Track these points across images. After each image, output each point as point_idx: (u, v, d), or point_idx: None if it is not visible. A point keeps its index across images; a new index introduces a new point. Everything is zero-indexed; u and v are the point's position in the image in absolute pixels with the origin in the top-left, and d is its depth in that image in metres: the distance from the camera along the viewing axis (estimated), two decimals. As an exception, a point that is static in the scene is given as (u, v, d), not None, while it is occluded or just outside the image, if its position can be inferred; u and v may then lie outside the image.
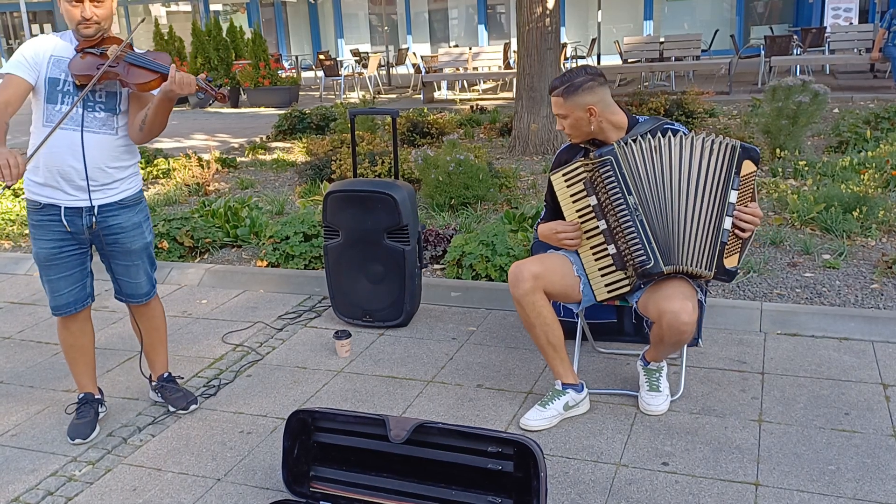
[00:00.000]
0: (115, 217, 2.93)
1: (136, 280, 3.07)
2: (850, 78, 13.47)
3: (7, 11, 26.45)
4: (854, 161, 6.15)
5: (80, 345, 3.12)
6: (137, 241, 3.00)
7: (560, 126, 2.95)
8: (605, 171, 2.79)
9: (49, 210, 2.87)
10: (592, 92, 2.83)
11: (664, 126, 2.88)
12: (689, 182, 2.78)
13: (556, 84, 2.89)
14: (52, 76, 2.79)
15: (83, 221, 2.89)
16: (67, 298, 2.99)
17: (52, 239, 2.90)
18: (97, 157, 2.83)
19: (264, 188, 7.27)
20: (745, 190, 2.81)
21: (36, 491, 2.74)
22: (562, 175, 2.92)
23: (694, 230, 2.76)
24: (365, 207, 3.88)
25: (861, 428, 2.83)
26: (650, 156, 2.79)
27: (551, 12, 7.78)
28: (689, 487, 2.55)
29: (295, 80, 15.59)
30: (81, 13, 2.73)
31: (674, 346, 2.89)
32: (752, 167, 2.82)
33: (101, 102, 2.83)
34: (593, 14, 18.66)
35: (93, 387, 3.19)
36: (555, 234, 2.95)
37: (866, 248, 4.58)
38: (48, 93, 2.79)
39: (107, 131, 2.85)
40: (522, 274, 2.86)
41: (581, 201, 2.89)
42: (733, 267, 2.81)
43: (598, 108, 2.84)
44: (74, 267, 2.97)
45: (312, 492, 2.57)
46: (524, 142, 8.09)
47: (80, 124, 2.79)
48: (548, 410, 2.96)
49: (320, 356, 3.72)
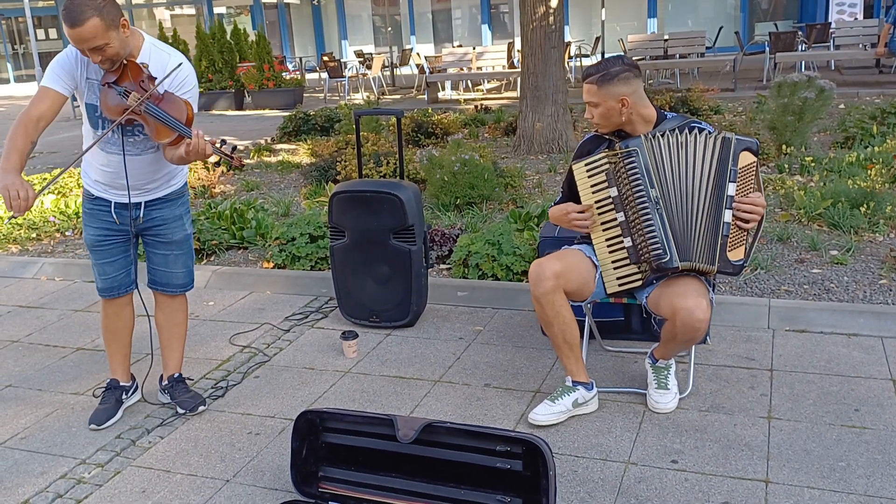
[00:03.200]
0: (158, 210, 3.07)
1: (173, 270, 3.17)
2: (856, 73, 13.42)
3: (13, 17, 26.55)
4: (861, 156, 6.13)
5: (116, 328, 3.25)
6: (178, 233, 3.13)
7: (589, 115, 2.91)
8: (631, 163, 2.79)
9: (100, 202, 3.02)
10: (628, 83, 2.82)
11: (691, 124, 2.87)
12: (691, 178, 2.78)
13: (592, 71, 2.85)
14: (89, 102, 2.88)
15: (130, 215, 3.02)
16: (113, 283, 3.14)
17: (99, 227, 3.05)
18: (140, 174, 2.97)
19: (270, 190, 7.27)
20: (746, 181, 2.80)
21: (45, 494, 2.75)
22: (584, 165, 2.92)
23: (697, 225, 2.76)
24: (370, 208, 3.88)
25: (871, 424, 2.81)
26: (676, 152, 2.79)
27: (555, 11, 7.77)
28: (698, 485, 2.54)
29: (299, 81, 15.61)
30: (92, 59, 2.73)
31: (686, 344, 2.88)
32: (751, 158, 2.81)
33: (139, 126, 2.89)
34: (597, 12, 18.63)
35: (121, 374, 3.30)
36: (566, 214, 2.94)
37: (874, 244, 4.56)
38: (89, 118, 2.91)
39: (148, 151, 2.95)
40: (545, 273, 2.85)
41: (601, 192, 2.88)
42: (739, 260, 2.79)
43: (631, 99, 2.83)
44: (119, 254, 3.11)
45: (321, 492, 2.57)
46: (529, 141, 8.08)
47: (122, 149, 2.91)
48: (557, 406, 2.95)
49: (327, 357, 3.72)
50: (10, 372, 3.80)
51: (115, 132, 2.87)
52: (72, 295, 4.90)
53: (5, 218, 6.39)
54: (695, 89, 9.25)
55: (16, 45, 27.54)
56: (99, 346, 4.00)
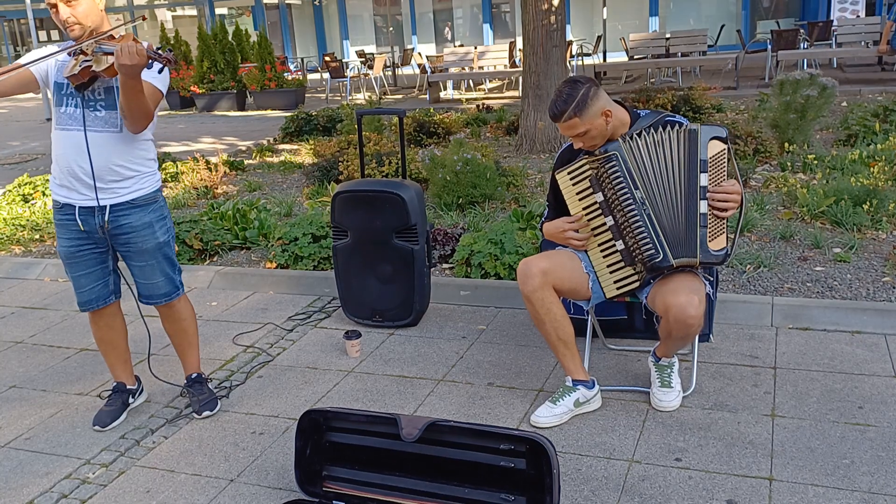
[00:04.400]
0: (125, 217, 2.95)
1: (151, 280, 3.08)
2: (858, 71, 13.40)
3: (14, 19, 26.60)
4: (863, 154, 6.12)
5: (109, 339, 3.23)
6: (149, 241, 3.01)
7: (579, 144, 2.86)
8: (612, 167, 2.79)
9: (67, 210, 2.97)
10: (598, 97, 2.80)
11: (665, 119, 2.87)
12: (668, 174, 2.78)
13: (562, 108, 2.77)
14: (57, 80, 2.87)
15: (95, 221, 2.94)
16: (90, 295, 3.10)
17: (70, 238, 3.00)
18: (102, 156, 2.86)
19: (272, 190, 7.28)
20: (717, 170, 2.79)
21: (50, 494, 2.75)
22: (567, 173, 2.92)
23: (680, 220, 2.76)
24: (373, 208, 3.88)
25: (875, 421, 2.81)
26: (654, 149, 2.79)
27: (556, 10, 7.77)
28: (702, 483, 2.54)
29: (301, 82, 15.61)
30: (58, 16, 2.77)
31: (682, 341, 2.88)
32: (720, 146, 2.79)
33: (101, 100, 2.85)
34: (598, 11, 18.63)
35: (126, 377, 3.29)
36: (561, 232, 2.95)
37: (877, 241, 4.56)
38: (56, 97, 2.88)
39: (109, 129, 2.87)
40: (531, 270, 2.86)
41: (587, 198, 2.89)
42: (721, 249, 2.78)
43: (609, 108, 2.82)
44: (94, 265, 3.06)
45: (325, 491, 2.57)
46: (531, 140, 8.08)
47: (83, 124, 2.84)
48: (558, 407, 2.95)
49: (331, 356, 3.73)
50: (14, 373, 3.81)
51: (77, 105, 2.82)
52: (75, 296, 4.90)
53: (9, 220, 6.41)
54: (697, 88, 9.23)
55: (18, 46, 27.59)
56: (102, 346, 4.01)
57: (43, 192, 7.17)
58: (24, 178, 7.45)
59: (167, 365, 3.65)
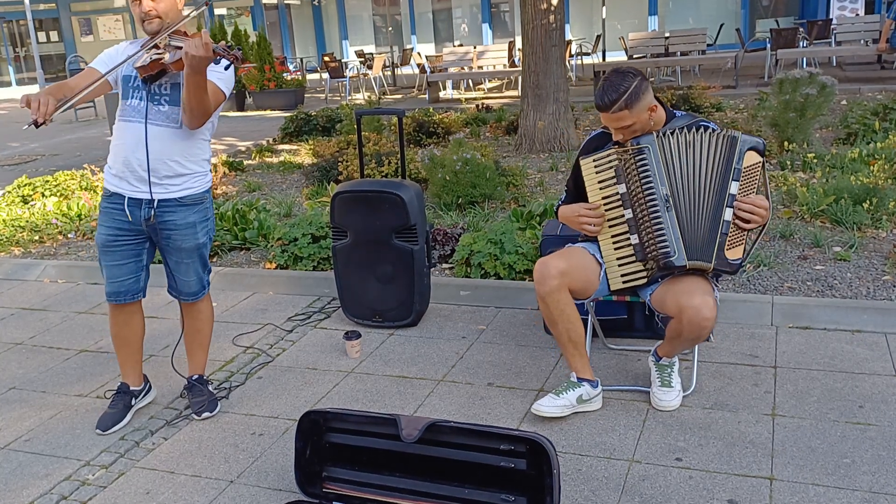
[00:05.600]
0: (171, 213, 3.01)
1: (185, 278, 3.14)
2: (858, 69, 13.40)
3: (14, 20, 26.59)
4: (863, 152, 6.12)
5: (124, 336, 3.23)
6: (189, 241, 3.06)
7: (619, 136, 2.84)
8: (641, 160, 2.79)
9: (115, 199, 3.01)
10: (648, 91, 2.79)
11: (700, 122, 2.87)
12: (698, 176, 2.78)
13: (614, 98, 2.74)
14: (125, 73, 2.95)
15: (142, 213, 2.99)
16: (119, 287, 3.10)
17: (110, 226, 3.03)
18: (159, 150, 2.92)
19: (272, 190, 7.28)
20: (749, 180, 2.79)
21: (50, 495, 2.75)
22: (592, 161, 2.90)
23: (701, 223, 2.76)
24: (373, 208, 3.88)
25: (876, 420, 2.81)
26: (687, 149, 2.79)
27: (556, 9, 7.77)
28: (703, 482, 2.53)
29: (300, 82, 15.61)
30: (140, 8, 2.84)
31: (692, 342, 2.88)
32: (756, 158, 2.80)
33: (165, 95, 2.92)
34: (598, 10, 18.62)
35: (132, 379, 3.28)
36: (577, 217, 2.93)
37: (877, 240, 4.55)
38: (123, 89, 2.96)
39: (170, 124, 2.93)
40: (549, 271, 2.84)
41: (609, 188, 2.88)
42: (737, 259, 2.78)
43: (654, 103, 2.82)
44: (129, 257, 3.08)
45: (325, 492, 2.57)
46: (530, 139, 8.08)
47: (145, 117, 2.91)
48: (561, 399, 2.95)
49: (331, 357, 3.72)
50: (13, 374, 3.81)
51: (142, 98, 2.90)
52: (75, 297, 4.90)
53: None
54: (696, 87, 9.25)
55: (17, 48, 27.58)
56: (102, 347, 4.01)
57: (42, 193, 7.16)
58: (23, 179, 7.45)
59: (167, 365, 3.65)
